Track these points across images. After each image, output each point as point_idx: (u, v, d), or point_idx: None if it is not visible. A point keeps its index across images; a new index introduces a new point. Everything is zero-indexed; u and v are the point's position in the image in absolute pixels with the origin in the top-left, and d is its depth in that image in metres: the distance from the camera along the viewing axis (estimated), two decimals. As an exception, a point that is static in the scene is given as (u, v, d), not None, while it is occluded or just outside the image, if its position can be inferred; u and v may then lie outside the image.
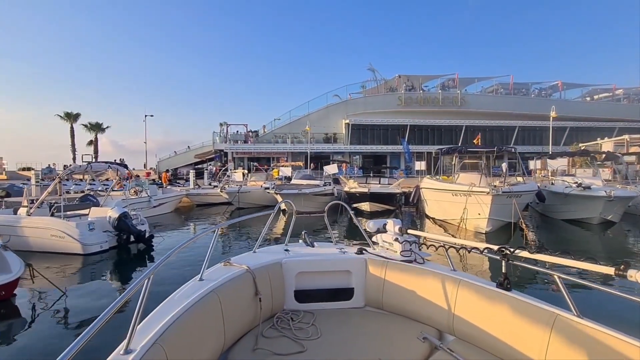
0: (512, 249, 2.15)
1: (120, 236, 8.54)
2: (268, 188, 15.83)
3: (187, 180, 24.26)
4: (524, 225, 8.41)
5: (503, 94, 40.38)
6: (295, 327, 2.61)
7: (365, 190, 13.85)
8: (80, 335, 1.19)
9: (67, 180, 18.72)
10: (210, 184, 21.53)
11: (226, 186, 18.16)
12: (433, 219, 12.77)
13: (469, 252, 2.48)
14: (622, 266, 1.56)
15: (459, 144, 36.16)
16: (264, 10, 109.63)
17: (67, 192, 16.51)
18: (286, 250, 3.31)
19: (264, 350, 2.30)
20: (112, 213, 8.43)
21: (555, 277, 1.96)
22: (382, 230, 3.27)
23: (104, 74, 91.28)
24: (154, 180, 25.96)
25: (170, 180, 26.14)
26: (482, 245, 2.34)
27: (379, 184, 16.14)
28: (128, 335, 1.51)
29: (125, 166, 12.84)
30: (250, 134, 37.97)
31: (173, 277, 5.93)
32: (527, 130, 38.08)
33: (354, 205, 13.67)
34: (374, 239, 3.35)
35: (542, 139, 35.86)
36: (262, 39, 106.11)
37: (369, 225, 3.38)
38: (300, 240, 3.58)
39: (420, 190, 13.57)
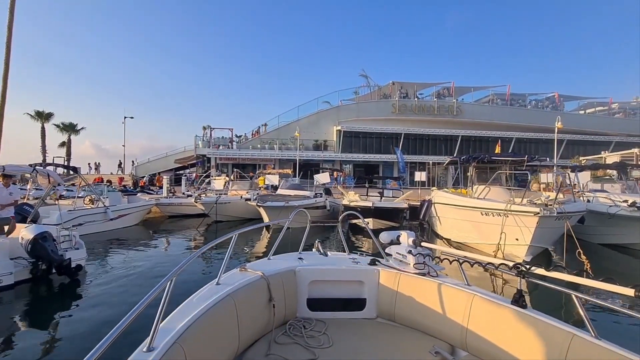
0: (527, 266, 2.11)
1: (36, 265, 6.17)
2: (249, 199, 13.53)
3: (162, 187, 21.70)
4: (583, 257, 6.41)
5: (500, 104, 39.26)
6: (307, 335, 2.61)
7: (369, 204, 11.67)
8: (107, 335, 1.22)
9: None
10: (183, 193, 19.02)
11: (202, 195, 15.77)
12: (448, 240, 10.73)
13: (484, 267, 2.48)
14: None
15: (455, 155, 34.80)
16: (254, 16, 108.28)
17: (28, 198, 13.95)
18: (300, 258, 3.30)
19: (276, 356, 2.30)
20: (25, 233, 6.04)
21: (573, 296, 1.90)
22: (396, 242, 3.18)
23: (86, 77, 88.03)
24: (124, 186, 23.32)
25: (142, 187, 23.62)
26: (498, 261, 2.31)
27: (382, 196, 14.02)
28: (150, 334, 1.55)
29: (75, 169, 10.47)
30: (236, 137, 35.69)
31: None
32: (524, 142, 36.94)
33: (353, 221, 11.60)
34: (387, 250, 3.25)
35: (539, 152, 34.69)
36: (251, 44, 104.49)
37: (383, 236, 3.24)
38: (314, 249, 3.58)
39: (432, 206, 11.56)
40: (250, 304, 2.41)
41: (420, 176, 18.75)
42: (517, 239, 7.45)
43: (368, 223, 4.14)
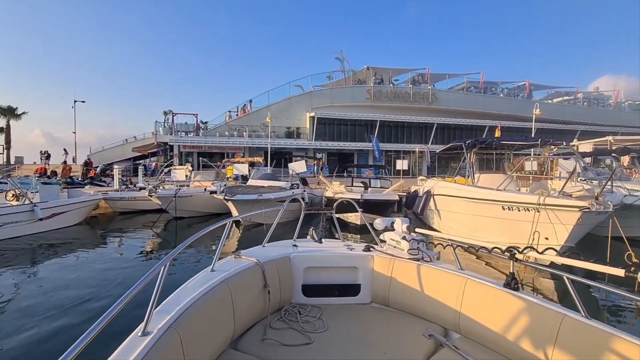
0: (520, 249, 2.13)
1: None
2: (215, 192, 11.60)
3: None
4: (635, 259, 5.16)
5: (473, 92, 39.04)
6: (302, 320, 2.62)
7: (357, 196, 10.16)
8: (100, 318, 1.21)
9: None
10: (134, 185, 16.59)
11: (159, 188, 13.59)
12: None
13: (477, 251, 2.52)
14: (633, 268, 1.52)
15: (430, 143, 34.22)
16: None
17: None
18: (294, 245, 3.31)
19: (272, 340, 2.32)
20: None
21: (564, 277, 1.92)
22: (390, 228, 3.21)
23: (34, 63, 79.80)
24: (71, 177, 20.37)
25: (92, 178, 20.80)
26: (490, 245, 2.32)
27: (368, 186, 12.56)
28: (145, 318, 1.56)
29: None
30: (202, 124, 32.95)
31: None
32: (494, 130, 37.03)
33: (337, 215, 10.07)
34: (381, 237, 3.28)
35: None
36: (220, 31, 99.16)
37: (377, 223, 3.31)
38: (309, 237, 3.60)
39: (432, 198, 9.98)
40: (245, 290, 2.42)
41: (402, 165, 17.53)
42: (546, 238, 6.21)
43: (362, 210, 4.13)
